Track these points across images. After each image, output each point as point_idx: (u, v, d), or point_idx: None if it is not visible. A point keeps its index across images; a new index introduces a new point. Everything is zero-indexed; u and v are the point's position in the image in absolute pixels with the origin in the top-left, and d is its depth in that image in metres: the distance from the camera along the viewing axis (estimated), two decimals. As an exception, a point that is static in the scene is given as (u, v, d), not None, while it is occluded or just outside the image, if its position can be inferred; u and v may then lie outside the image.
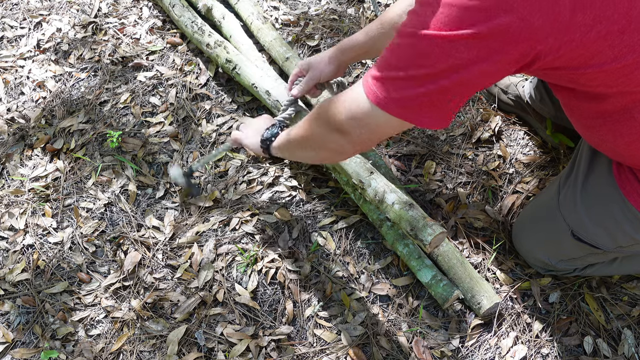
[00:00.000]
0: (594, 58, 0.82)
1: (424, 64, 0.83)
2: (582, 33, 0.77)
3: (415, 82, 0.85)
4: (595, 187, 1.17)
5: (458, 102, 0.89)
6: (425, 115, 0.88)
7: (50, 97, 1.90)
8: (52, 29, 2.10)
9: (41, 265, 1.54)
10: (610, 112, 0.97)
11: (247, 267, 1.49)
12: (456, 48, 0.79)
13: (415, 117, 0.89)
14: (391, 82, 0.88)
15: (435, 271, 1.37)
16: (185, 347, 1.38)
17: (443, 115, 0.90)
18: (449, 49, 0.79)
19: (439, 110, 0.88)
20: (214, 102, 1.84)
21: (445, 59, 0.80)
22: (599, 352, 1.32)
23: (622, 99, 0.93)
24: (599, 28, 0.77)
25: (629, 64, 0.83)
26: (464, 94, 0.88)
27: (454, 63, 0.80)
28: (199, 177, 1.66)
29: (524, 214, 1.43)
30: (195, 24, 1.88)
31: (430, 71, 0.82)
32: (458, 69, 0.81)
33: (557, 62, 0.83)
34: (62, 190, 1.68)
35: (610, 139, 1.04)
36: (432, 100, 0.86)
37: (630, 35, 0.80)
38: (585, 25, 0.77)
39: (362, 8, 2.06)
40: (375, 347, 1.35)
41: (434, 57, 0.81)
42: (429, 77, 0.83)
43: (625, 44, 0.80)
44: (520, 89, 1.64)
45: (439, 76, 0.82)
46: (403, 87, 0.86)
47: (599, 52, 0.81)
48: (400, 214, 1.29)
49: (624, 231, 1.14)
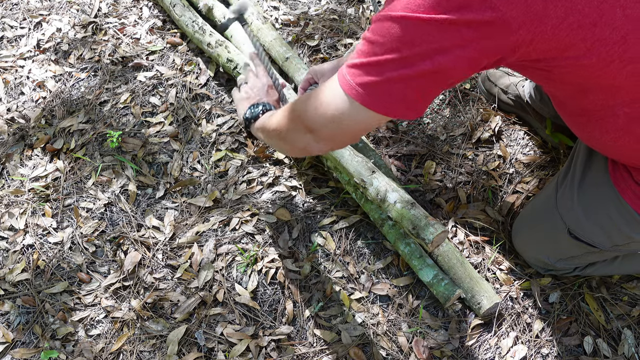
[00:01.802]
0: (568, 50, 0.82)
1: (397, 47, 0.80)
2: (554, 25, 0.77)
3: (388, 66, 0.82)
4: (592, 186, 1.18)
5: (431, 92, 0.86)
6: (397, 104, 0.85)
7: (50, 97, 1.90)
8: (52, 29, 2.10)
9: (41, 265, 1.53)
10: (592, 109, 0.97)
11: (247, 267, 1.49)
12: (430, 31, 0.77)
13: (387, 105, 0.85)
14: (363, 68, 0.84)
15: (436, 270, 1.37)
16: (185, 347, 1.38)
17: (415, 105, 0.86)
18: (424, 32, 0.78)
19: (411, 99, 0.85)
20: (214, 102, 1.84)
21: (419, 42, 0.79)
22: (599, 352, 1.32)
23: (601, 94, 0.93)
24: (570, 20, 0.77)
25: (602, 58, 0.83)
26: (438, 83, 0.85)
27: (428, 47, 0.79)
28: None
29: (523, 213, 1.43)
30: (196, 24, 1.88)
31: (404, 54, 0.80)
32: (432, 54, 0.79)
33: (533, 54, 0.83)
34: (62, 190, 1.68)
35: (597, 136, 1.04)
36: (404, 88, 0.83)
37: (602, 29, 0.80)
38: (557, 17, 0.77)
39: (362, 8, 2.06)
40: (375, 347, 1.35)
41: (408, 40, 0.79)
42: (402, 62, 0.81)
43: (597, 37, 0.80)
44: (520, 89, 1.65)
45: (412, 60, 0.80)
46: (375, 72, 0.83)
47: (572, 44, 0.81)
48: (402, 212, 1.29)
49: (620, 230, 1.14)
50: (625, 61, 0.84)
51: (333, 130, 0.94)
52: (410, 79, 0.82)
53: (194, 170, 1.70)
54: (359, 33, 1.96)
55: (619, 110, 0.94)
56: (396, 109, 0.85)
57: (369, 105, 0.85)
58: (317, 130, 0.96)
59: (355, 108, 0.87)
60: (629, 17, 0.80)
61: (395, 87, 0.83)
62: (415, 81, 0.82)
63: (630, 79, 0.87)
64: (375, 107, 0.85)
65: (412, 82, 0.82)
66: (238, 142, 1.74)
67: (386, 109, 0.86)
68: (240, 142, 1.74)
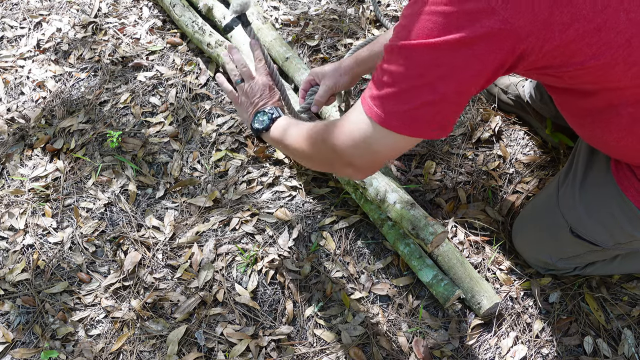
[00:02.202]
0: (575, 56, 0.84)
1: (414, 75, 0.83)
2: (561, 31, 0.79)
3: (410, 95, 0.85)
4: (594, 184, 1.18)
5: (456, 109, 0.89)
6: (425, 127, 0.88)
7: (50, 97, 1.90)
8: (52, 29, 2.10)
9: (41, 265, 1.54)
10: (597, 109, 0.99)
11: (247, 267, 1.49)
12: (443, 55, 0.80)
13: (417, 130, 0.88)
14: (388, 99, 0.87)
15: (436, 271, 1.37)
16: (185, 347, 1.38)
17: (444, 124, 0.89)
18: (436, 56, 0.81)
19: (438, 120, 0.88)
20: (214, 102, 1.84)
21: (434, 67, 0.82)
22: (599, 352, 1.32)
23: (607, 95, 0.94)
24: (576, 26, 0.79)
25: (607, 62, 0.85)
26: (462, 102, 0.88)
27: (443, 71, 0.82)
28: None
29: (524, 212, 1.43)
30: (196, 24, 1.88)
31: (422, 82, 0.83)
32: (447, 76, 0.82)
33: (541, 62, 0.85)
34: (62, 190, 1.68)
35: (601, 136, 1.05)
36: (430, 111, 0.86)
37: (607, 33, 0.81)
38: (563, 23, 0.79)
39: (362, 8, 2.06)
40: (375, 347, 1.35)
41: (422, 67, 0.82)
42: (422, 88, 0.84)
43: (603, 42, 0.82)
44: (520, 89, 1.65)
45: (431, 86, 0.83)
46: (400, 102, 0.86)
47: (578, 50, 0.82)
48: (402, 213, 1.29)
49: (622, 228, 1.14)
50: (630, 64, 0.86)
51: (368, 159, 0.96)
52: (436, 103, 0.85)
53: (194, 170, 1.70)
54: (359, 33, 1.96)
55: (623, 110, 0.95)
56: (426, 131, 0.89)
57: (402, 132, 0.89)
58: (354, 163, 0.98)
59: (388, 136, 0.90)
60: (632, 21, 0.81)
61: (424, 112, 0.86)
62: (441, 104, 0.86)
63: (635, 81, 0.89)
64: (407, 131, 0.89)
65: (439, 105, 0.86)
66: (238, 142, 1.74)
67: (417, 132, 0.89)
68: (240, 142, 1.74)
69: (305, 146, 1.08)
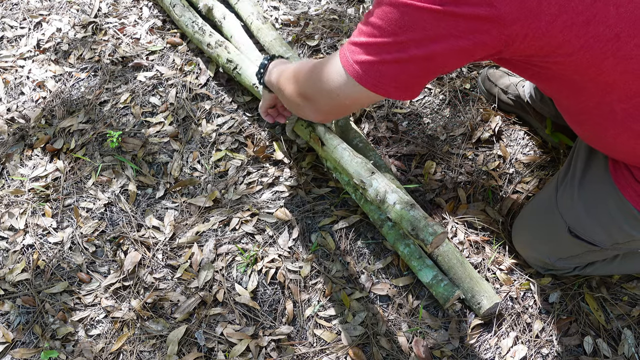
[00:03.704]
0: (562, 47, 0.84)
1: (394, 31, 0.85)
2: (548, 22, 0.80)
3: (384, 49, 0.87)
4: (592, 184, 1.18)
5: (423, 77, 0.91)
6: (388, 84, 0.90)
7: (50, 97, 1.90)
8: (52, 29, 2.10)
9: (41, 265, 1.54)
10: (591, 106, 0.99)
11: (247, 267, 1.49)
12: (427, 19, 0.81)
13: (378, 84, 0.91)
14: (362, 47, 0.90)
15: (436, 271, 1.37)
16: (185, 347, 1.38)
17: (406, 88, 0.92)
18: (420, 19, 0.82)
19: (403, 81, 0.90)
20: (214, 102, 1.84)
21: (415, 28, 0.83)
22: (599, 352, 1.32)
23: (597, 90, 0.94)
24: (564, 18, 0.79)
25: (596, 54, 0.85)
26: (430, 69, 0.90)
27: (423, 34, 0.83)
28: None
29: (523, 212, 1.43)
30: (196, 24, 1.88)
31: (400, 39, 0.85)
32: (426, 41, 0.84)
33: (527, 50, 0.85)
34: (62, 190, 1.68)
35: (598, 134, 1.05)
36: (397, 70, 0.88)
37: (596, 27, 0.81)
38: (551, 14, 0.79)
39: (362, 8, 2.06)
40: (375, 347, 1.35)
41: (405, 25, 0.84)
42: (397, 45, 0.86)
43: (591, 34, 0.82)
44: (520, 89, 1.65)
45: (406, 45, 0.85)
46: (372, 52, 0.89)
47: (566, 41, 0.83)
48: (402, 214, 1.29)
49: (620, 227, 1.14)
50: (619, 58, 0.85)
51: (328, 101, 1.01)
52: (404, 62, 0.87)
53: (194, 170, 1.70)
54: (359, 33, 1.96)
55: (617, 107, 0.95)
56: (387, 88, 0.91)
57: (362, 82, 0.92)
58: (314, 100, 1.04)
59: (350, 83, 0.94)
60: (622, 15, 0.81)
61: (388, 68, 0.89)
62: (408, 65, 0.88)
63: (624, 76, 0.89)
64: (368, 84, 0.92)
65: (405, 65, 0.88)
66: (238, 142, 1.74)
67: (377, 87, 0.92)
68: (240, 142, 1.74)
69: (286, 84, 1.15)
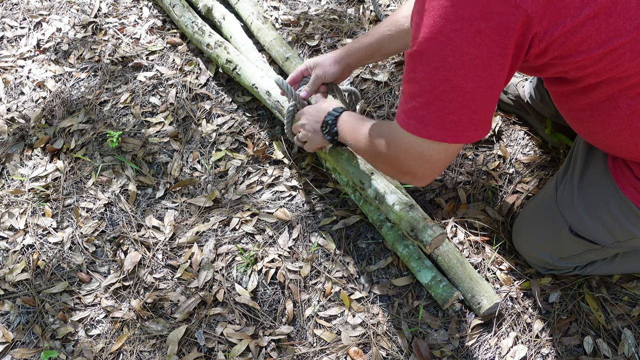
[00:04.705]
0: (583, 43, 0.85)
1: (438, 79, 0.84)
2: (572, 16, 0.81)
3: (441, 101, 0.86)
4: (592, 182, 1.18)
5: (492, 104, 0.90)
6: (466, 129, 0.89)
7: (50, 97, 1.90)
8: (52, 29, 2.10)
9: (41, 265, 1.54)
10: (596, 102, 0.99)
11: (247, 267, 1.49)
12: (467, 50, 0.81)
13: (460, 135, 0.90)
14: (420, 110, 0.89)
15: (435, 272, 1.37)
16: (185, 347, 1.38)
17: (484, 123, 0.90)
18: (462, 53, 0.81)
19: (476, 120, 0.89)
20: (214, 102, 1.84)
21: (455, 66, 0.82)
22: (599, 352, 1.32)
23: (609, 87, 0.94)
24: (587, 11, 0.80)
25: (615, 48, 0.85)
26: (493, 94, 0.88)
27: (458, 59, 0.82)
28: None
29: (523, 212, 1.43)
30: (196, 24, 1.88)
31: (453, 84, 0.84)
32: (470, 72, 0.83)
33: (550, 50, 0.86)
34: (62, 190, 1.68)
35: (599, 130, 1.05)
36: (465, 113, 0.87)
37: (617, 19, 0.82)
38: (575, 7, 0.80)
39: (362, 8, 2.06)
40: (375, 347, 1.35)
41: (449, 65, 0.83)
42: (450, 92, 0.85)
43: (612, 27, 0.83)
44: (520, 89, 1.65)
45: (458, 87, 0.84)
46: (433, 110, 0.88)
47: (587, 36, 0.83)
48: (401, 215, 1.29)
49: (621, 225, 1.14)
50: (636, 52, 0.86)
51: (424, 166, 0.98)
52: (467, 104, 0.86)
53: (194, 170, 1.70)
54: (359, 33, 1.96)
55: (623, 103, 0.95)
56: (468, 134, 0.90)
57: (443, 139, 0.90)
58: (416, 174, 1.01)
59: (430, 144, 0.92)
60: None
61: (458, 117, 0.88)
62: (472, 103, 0.86)
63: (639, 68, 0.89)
64: (449, 138, 0.90)
65: (470, 105, 0.86)
66: (238, 142, 1.74)
67: (459, 137, 0.90)
68: (240, 142, 1.74)
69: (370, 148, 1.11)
